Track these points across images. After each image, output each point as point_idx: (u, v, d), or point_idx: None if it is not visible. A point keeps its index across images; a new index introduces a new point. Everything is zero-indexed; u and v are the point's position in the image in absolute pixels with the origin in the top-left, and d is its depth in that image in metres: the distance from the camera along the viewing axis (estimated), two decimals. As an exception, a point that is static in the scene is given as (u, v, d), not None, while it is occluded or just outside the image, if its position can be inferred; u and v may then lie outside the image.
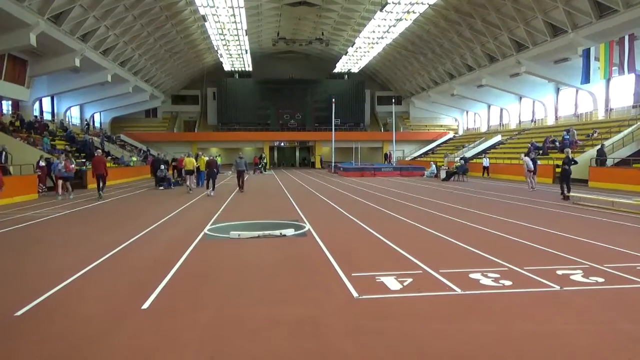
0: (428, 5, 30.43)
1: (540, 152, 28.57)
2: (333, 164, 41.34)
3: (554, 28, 26.80)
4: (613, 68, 23.07)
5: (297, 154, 59.72)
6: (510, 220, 11.14)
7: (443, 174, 29.16)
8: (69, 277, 6.12)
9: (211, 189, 18.21)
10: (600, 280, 5.81)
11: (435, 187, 22.77)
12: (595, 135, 27.17)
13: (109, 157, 33.13)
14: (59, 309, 5.01)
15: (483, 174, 31.01)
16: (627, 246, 7.82)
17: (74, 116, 40.90)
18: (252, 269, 6.70)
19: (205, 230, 9.88)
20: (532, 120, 40.47)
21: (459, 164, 28.46)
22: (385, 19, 33.16)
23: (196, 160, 21.38)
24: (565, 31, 25.72)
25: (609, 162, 22.51)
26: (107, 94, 37.62)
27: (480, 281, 5.78)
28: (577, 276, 5.99)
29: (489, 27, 30.98)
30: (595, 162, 22.36)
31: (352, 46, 41.81)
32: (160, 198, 18.09)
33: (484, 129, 48.60)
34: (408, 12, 31.49)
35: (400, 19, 33.05)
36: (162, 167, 22.88)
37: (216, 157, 29.90)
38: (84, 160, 26.32)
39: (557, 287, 5.50)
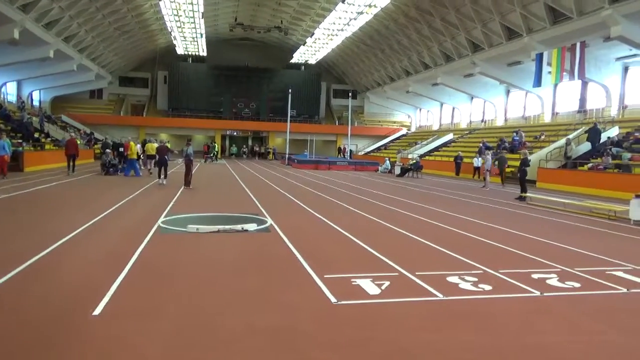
0: (390, 0, 30.37)
1: (491, 152, 29.29)
2: (287, 156, 40.79)
3: (509, 31, 27.48)
4: (564, 73, 23.89)
5: (250, 143, 58.54)
6: (471, 219, 11.14)
7: (397, 170, 29.36)
8: (3, 275, 5.35)
9: (163, 176, 17.26)
10: (577, 285, 5.73)
11: (391, 183, 22.81)
12: (543, 137, 28.19)
13: (49, 139, 31.06)
14: (-8, 314, 4.30)
15: (473, 176, 26.57)
16: (591, 248, 7.91)
17: (9, 93, 37.94)
18: (216, 268, 6.16)
19: (159, 223, 9.17)
20: (482, 120, 41.60)
21: (414, 160, 28.77)
22: (346, 11, 32.87)
23: (143, 147, 20.53)
24: (521, 35, 26.42)
25: (557, 164, 23.38)
26: (49, 71, 35.00)
27: (460, 285, 5.55)
28: (553, 280, 5.89)
29: (448, 26, 31.38)
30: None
31: (310, 37, 41.26)
32: (106, 184, 16.95)
33: (435, 126, 49.54)
34: (370, 5, 31.32)
35: (362, 12, 32.85)
36: (107, 150, 21.51)
37: (166, 143, 28.61)
38: (20, 141, 24.36)
39: (538, 293, 5.35)
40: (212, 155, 38.98)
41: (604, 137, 23.54)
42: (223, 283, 5.50)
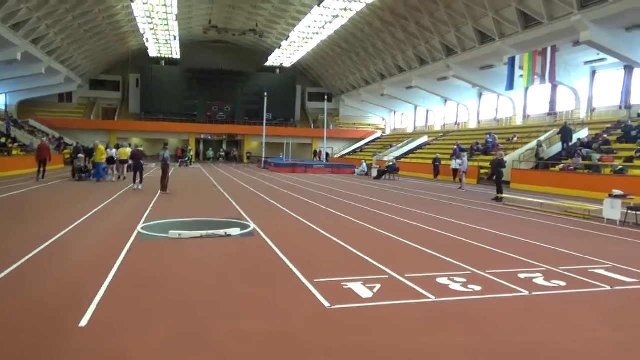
0: (365, 4, 30.59)
1: (466, 154, 29.73)
2: (263, 159, 40.54)
3: (482, 35, 28.00)
4: (535, 77, 24.48)
5: (225, 147, 57.91)
6: (452, 220, 11.26)
7: (375, 172, 29.50)
8: (-21, 286, 5.11)
9: (138, 181, 16.88)
10: (563, 284, 5.83)
11: (369, 186, 22.90)
12: (515, 139, 28.80)
13: (16, 144, 30.07)
14: (-30, 328, 4.08)
15: (454, 178, 25.88)
16: (571, 247, 8.09)
17: (-27, 96, 36.60)
18: (203, 274, 6.02)
19: (139, 229, 8.93)
20: (455, 123, 42.24)
21: (391, 163, 29.00)
22: (322, 15, 32.94)
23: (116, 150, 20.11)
24: (493, 39, 26.96)
25: (530, 165, 23.91)
26: (16, 74, 33.77)
27: (450, 286, 5.58)
28: (539, 279, 5.98)
29: (422, 30, 31.79)
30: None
31: (286, 40, 41.18)
32: (79, 190, 16.47)
33: (410, 129, 50.06)
34: (345, 9, 31.48)
35: (337, 16, 32.99)
36: (80, 156, 20.92)
37: (139, 147, 28.02)
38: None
39: (526, 292, 5.42)
40: (186, 159, 38.50)
41: (574, 138, 24.20)
42: (212, 289, 5.38)
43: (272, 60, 50.04)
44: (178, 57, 48.18)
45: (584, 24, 21.01)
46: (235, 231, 8.77)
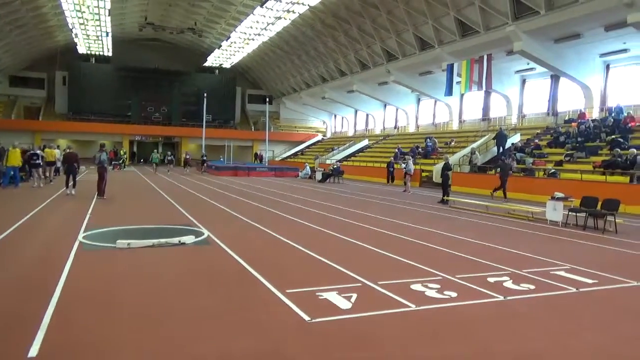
0: (308, 7, 30.52)
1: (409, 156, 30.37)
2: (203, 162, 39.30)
3: (422, 42, 28.81)
4: (472, 84, 25.50)
5: (161, 149, 55.59)
6: (405, 223, 11.33)
7: (319, 176, 29.44)
8: None
9: (71, 185, 15.65)
10: (531, 287, 5.89)
11: (315, 189, 22.75)
12: (453, 143, 29.85)
13: None
14: None
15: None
16: (526, 249, 8.31)
17: None
18: (162, 288, 5.51)
19: (80, 239, 8.15)
20: (395, 127, 43.23)
21: (335, 166, 29.09)
22: (264, 16, 32.49)
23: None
24: (433, 46, 27.82)
25: (468, 168, 24.82)
26: None
27: (426, 293, 5.46)
28: (509, 283, 6.02)
29: (364, 35, 32.23)
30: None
31: (226, 40, 40.26)
32: (5, 197, 15.01)
33: (350, 132, 50.66)
34: (288, 11, 31.24)
35: (280, 18, 32.67)
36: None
37: (69, 150, 26.11)
38: None
39: (501, 297, 5.41)
40: (120, 162, 36.59)
41: (508, 143, 25.40)
42: (177, 305, 4.90)
43: (211, 61, 48.80)
44: (110, 54, 45.75)
45: (517, 35, 22.15)
46: (189, 239, 8.23)
